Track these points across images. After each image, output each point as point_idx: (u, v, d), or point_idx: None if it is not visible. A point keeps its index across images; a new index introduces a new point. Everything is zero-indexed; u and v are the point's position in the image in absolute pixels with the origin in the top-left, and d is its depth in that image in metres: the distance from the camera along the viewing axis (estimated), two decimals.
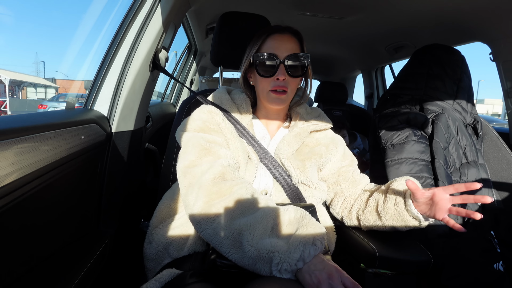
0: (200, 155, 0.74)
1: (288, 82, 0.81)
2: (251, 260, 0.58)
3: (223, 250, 0.61)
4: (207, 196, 0.66)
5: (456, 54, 1.24)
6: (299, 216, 0.63)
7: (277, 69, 0.80)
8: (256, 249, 0.58)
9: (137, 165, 1.13)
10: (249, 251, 0.58)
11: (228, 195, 0.66)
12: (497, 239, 0.95)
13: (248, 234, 0.60)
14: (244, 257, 0.59)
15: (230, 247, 0.61)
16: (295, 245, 0.57)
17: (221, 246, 0.62)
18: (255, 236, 0.59)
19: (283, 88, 0.81)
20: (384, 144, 1.16)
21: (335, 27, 1.88)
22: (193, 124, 0.81)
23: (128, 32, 0.96)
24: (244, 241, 0.59)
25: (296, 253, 0.56)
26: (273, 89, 0.81)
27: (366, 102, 3.07)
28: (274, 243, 0.58)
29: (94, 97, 0.95)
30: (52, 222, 0.73)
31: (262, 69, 0.81)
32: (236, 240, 0.60)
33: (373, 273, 0.83)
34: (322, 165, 0.87)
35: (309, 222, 0.62)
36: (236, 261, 0.60)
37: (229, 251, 0.61)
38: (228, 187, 0.67)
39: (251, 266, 0.59)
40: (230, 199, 0.65)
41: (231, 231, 0.61)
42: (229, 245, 0.61)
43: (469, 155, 1.15)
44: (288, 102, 0.86)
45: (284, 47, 0.80)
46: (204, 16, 1.83)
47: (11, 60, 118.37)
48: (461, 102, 1.21)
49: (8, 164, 0.53)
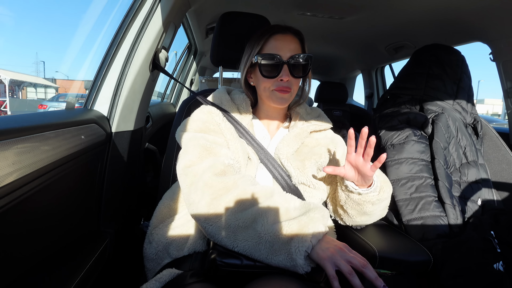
0: (201, 155, 0.74)
1: (291, 82, 0.81)
2: (267, 244, 0.61)
3: (237, 241, 0.63)
4: (214, 192, 0.67)
5: (456, 54, 1.24)
6: (304, 203, 0.69)
7: (281, 70, 0.79)
8: (271, 233, 0.61)
9: (137, 165, 1.13)
10: (265, 235, 0.62)
11: (235, 189, 0.68)
12: (497, 239, 0.95)
13: (261, 220, 0.63)
14: (260, 243, 0.61)
15: (244, 236, 0.63)
16: (307, 224, 0.63)
17: (235, 237, 0.63)
18: (269, 222, 0.63)
19: (287, 89, 0.81)
20: (384, 144, 1.16)
21: (335, 27, 1.88)
22: (193, 124, 0.81)
23: (128, 32, 0.96)
24: (258, 228, 0.62)
25: (310, 230, 0.62)
26: (276, 88, 0.81)
27: (366, 102, 3.07)
28: (287, 225, 0.63)
29: (94, 97, 0.95)
30: (52, 222, 0.73)
31: (266, 70, 0.80)
32: (250, 228, 0.63)
33: None
34: (322, 165, 0.87)
35: (314, 207, 0.68)
36: (251, 250, 0.62)
37: (243, 241, 0.62)
38: (233, 181, 0.69)
39: (266, 252, 0.61)
40: (237, 192, 0.67)
41: (244, 221, 0.64)
42: (243, 235, 0.63)
43: (469, 155, 1.15)
44: (290, 101, 0.86)
45: (287, 48, 0.80)
46: (204, 16, 1.83)
47: (11, 60, 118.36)
48: (461, 102, 1.21)
49: (8, 164, 0.53)
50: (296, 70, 0.80)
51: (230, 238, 0.64)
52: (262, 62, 0.80)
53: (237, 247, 0.63)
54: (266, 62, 0.79)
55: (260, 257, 0.62)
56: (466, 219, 1.03)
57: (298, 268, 0.61)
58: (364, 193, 0.78)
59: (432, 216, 0.97)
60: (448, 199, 0.99)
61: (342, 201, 0.83)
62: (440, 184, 1.02)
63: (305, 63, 0.81)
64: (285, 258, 0.60)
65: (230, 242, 0.64)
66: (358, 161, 0.73)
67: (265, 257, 0.62)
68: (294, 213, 0.66)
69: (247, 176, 0.73)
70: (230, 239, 0.64)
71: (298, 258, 0.60)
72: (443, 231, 0.95)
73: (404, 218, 1.00)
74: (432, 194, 1.01)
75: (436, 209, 0.98)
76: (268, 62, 0.79)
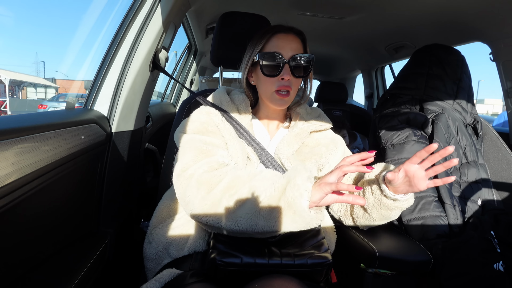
0: (197, 159, 0.73)
1: (292, 82, 0.81)
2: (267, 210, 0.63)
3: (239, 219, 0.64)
4: (208, 187, 0.68)
5: (456, 54, 1.24)
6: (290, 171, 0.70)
7: (282, 69, 0.79)
8: (267, 195, 0.63)
9: (137, 165, 1.13)
10: (262, 200, 0.63)
11: (225, 177, 0.68)
12: (497, 239, 0.95)
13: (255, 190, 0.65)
14: (260, 209, 0.63)
15: (243, 213, 0.63)
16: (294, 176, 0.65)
17: (236, 217, 0.64)
18: (261, 189, 0.65)
19: (287, 89, 0.80)
20: (384, 144, 1.16)
21: (335, 27, 1.88)
22: (191, 125, 0.81)
23: (128, 32, 0.96)
24: (254, 198, 0.64)
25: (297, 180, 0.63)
26: (277, 89, 0.80)
27: (366, 102, 3.07)
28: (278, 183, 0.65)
29: (94, 97, 0.95)
30: (52, 222, 0.73)
31: (267, 68, 0.80)
32: (247, 202, 0.64)
33: (373, 273, 0.83)
34: (322, 165, 0.87)
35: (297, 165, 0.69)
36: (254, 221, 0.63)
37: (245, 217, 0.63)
38: (224, 172, 0.70)
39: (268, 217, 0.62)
40: (228, 178, 0.68)
41: (240, 199, 0.65)
42: (242, 212, 0.64)
43: (469, 155, 1.15)
44: (290, 103, 0.86)
45: (289, 47, 0.80)
46: (204, 16, 1.83)
47: (11, 60, 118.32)
48: (461, 102, 1.21)
49: (8, 164, 0.52)
50: (297, 70, 0.80)
51: (232, 221, 0.64)
52: (264, 60, 0.80)
53: (241, 226, 0.63)
54: (268, 61, 0.79)
55: (264, 227, 0.63)
56: (466, 219, 1.03)
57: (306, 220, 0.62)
58: (401, 199, 0.74)
59: (432, 216, 0.97)
60: (448, 199, 0.99)
61: (369, 205, 0.79)
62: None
63: (306, 63, 0.81)
64: (287, 213, 0.62)
65: (233, 224, 0.64)
66: (418, 174, 0.67)
67: (268, 223, 0.62)
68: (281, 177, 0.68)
69: (237, 167, 0.74)
70: (232, 222, 0.64)
71: (297, 203, 0.61)
72: (443, 231, 0.95)
73: (404, 218, 1.00)
74: (432, 194, 1.01)
75: (436, 209, 0.98)
76: (269, 61, 0.79)
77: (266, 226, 0.63)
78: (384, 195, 0.75)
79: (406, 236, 0.93)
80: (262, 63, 0.80)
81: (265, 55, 0.79)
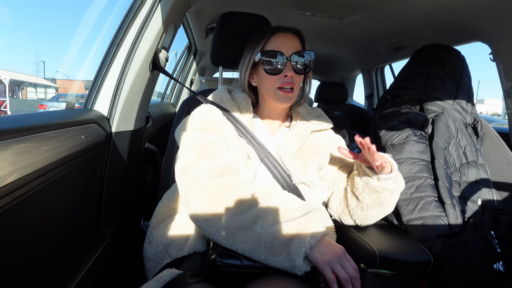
0: (199, 156, 0.74)
1: (295, 79, 0.82)
2: (267, 245, 0.61)
3: (236, 242, 0.63)
4: (212, 194, 0.67)
5: (456, 54, 1.24)
6: (303, 203, 0.70)
7: (284, 66, 0.81)
8: (271, 235, 0.62)
9: (137, 165, 1.13)
10: (264, 237, 0.62)
11: (233, 189, 0.68)
12: (497, 239, 0.95)
13: (260, 221, 0.63)
14: (259, 244, 0.62)
15: (243, 238, 0.63)
16: (306, 225, 0.64)
17: (234, 239, 0.63)
18: (268, 223, 0.63)
19: (291, 85, 0.82)
20: (384, 144, 1.16)
21: (335, 27, 1.88)
22: (192, 123, 0.81)
23: (128, 32, 0.96)
24: (258, 229, 0.63)
25: (309, 230, 0.63)
26: (280, 86, 0.82)
27: (366, 102, 3.07)
28: (286, 226, 0.63)
29: (94, 97, 0.95)
30: (52, 222, 0.73)
31: (269, 67, 0.81)
32: (249, 229, 0.63)
33: (373, 273, 0.83)
34: (323, 164, 0.87)
35: (313, 208, 0.69)
36: (250, 251, 0.62)
37: (243, 242, 0.63)
38: (230, 182, 0.69)
39: (266, 254, 0.61)
40: (236, 193, 0.67)
41: (243, 222, 0.64)
42: (242, 236, 0.63)
43: (469, 155, 1.15)
44: (293, 100, 0.86)
45: (289, 45, 0.82)
46: (204, 16, 1.83)
47: (11, 60, 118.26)
48: (461, 102, 1.21)
49: (8, 164, 0.53)
50: (299, 67, 0.82)
51: (229, 240, 0.64)
52: (266, 59, 0.81)
53: (236, 248, 0.63)
54: (270, 59, 0.81)
55: (260, 258, 0.62)
56: (466, 219, 1.03)
57: (297, 270, 0.61)
58: (383, 178, 0.78)
59: (432, 216, 0.97)
60: (448, 199, 0.99)
61: (359, 190, 0.83)
62: (440, 184, 1.02)
63: (307, 60, 0.83)
64: (284, 259, 0.61)
65: (229, 243, 0.64)
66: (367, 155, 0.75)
67: (265, 259, 0.62)
68: (293, 213, 0.67)
69: (245, 177, 0.74)
70: (229, 241, 0.64)
71: (297, 259, 0.60)
72: (443, 231, 0.95)
73: (404, 218, 1.00)
74: (432, 194, 1.01)
75: (436, 209, 0.98)
76: (271, 59, 0.81)
77: (261, 260, 0.62)
78: (368, 176, 0.79)
79: (406, 236, 0.93)
80: (264, 62, 0.81)
81: (267, 53, 0.81)
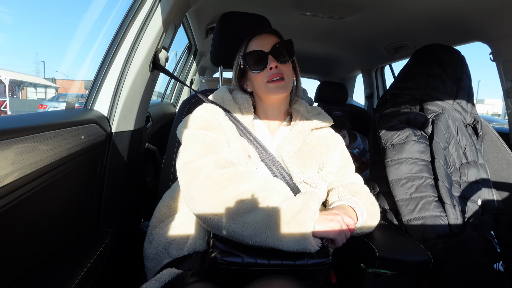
0: (203, 152, 0.74)
1: (281, 69, 0.84)
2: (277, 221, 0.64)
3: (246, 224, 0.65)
4: (218, 185, 0.68)
5: (456, 54, 1.24)
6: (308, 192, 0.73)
7: (267, 60, 0.83)
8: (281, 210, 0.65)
9: (137, 165, 1.13)
10: (274, 213, 0.65)
11: (238, 178, 0.70)
12: (497, 239, 0.95)
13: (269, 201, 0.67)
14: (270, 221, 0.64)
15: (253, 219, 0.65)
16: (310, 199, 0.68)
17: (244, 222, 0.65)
18: (276, 202, 0.67)
19: (279, 75, 0.83)
20: (384, 144, 1.16)
21: (335, 27, 1.88)
22: (195, 121, 0.81)
23: (128, 32, 0.96)
24: (267, 208, 0.66)
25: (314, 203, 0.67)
26: (269, 79, 0.83)
27: (366, 102, 3.07)
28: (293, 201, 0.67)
29: (94, 97, 0.95)
30: (52, 222, 0.73)
31: (253, 66, 0.85)
32: (259, 210, 0.66)
33: (373, 273, 0.83)
34: (323, 164, 0.87)
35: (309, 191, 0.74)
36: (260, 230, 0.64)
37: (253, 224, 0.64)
38: (234, 171, 0.71)
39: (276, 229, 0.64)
40: (241, 182, 0.69)
41: (252, 206, 0.66)
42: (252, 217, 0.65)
43: (469, 155, 1.15)
44: (288, 90, 0.87)
45: (266, 42, 0.85)
46: (204, 16, 1.83)
47: (11, 60, 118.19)
48: (461, 102, 1.21)
49: (8, 164, 0.53)
50: (280, 56, 0.84)
51: (238, 224, 0.65)
52: (249, 59, 0.85)
53: (246, 231, 0.64)
54: (252, 58, 0.85)
55: (271, 237, 0.63)
56: (466, 219, 1.03)
57: (308, 243, 0.63)
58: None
59: (432, 216, 0.97)
60: (448, 199, 0.99)
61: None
62: (440, 184, 1.02)
63: (287, 47, 0.85)
64: (296, 232, 0.63)
65: (239, 227, 0.64)
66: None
67: (275, 238, 0.63)
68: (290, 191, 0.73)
69: (247, 169, 0.76)
70: (238, 225, 0.65)
71: (308, 224, 0.63)
72: (443, 231, 0.95)
73: (404, 218, 1.00)
74: (432, 194, 1.01)
75: (436, 209, 0.98)
76: (254, 58, 0.84)
77: (271, 238, 0.63)
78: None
79: (406, 236, 0.93)
80: (248, 63, 0.85)
81: (248, 55, 0.85)
